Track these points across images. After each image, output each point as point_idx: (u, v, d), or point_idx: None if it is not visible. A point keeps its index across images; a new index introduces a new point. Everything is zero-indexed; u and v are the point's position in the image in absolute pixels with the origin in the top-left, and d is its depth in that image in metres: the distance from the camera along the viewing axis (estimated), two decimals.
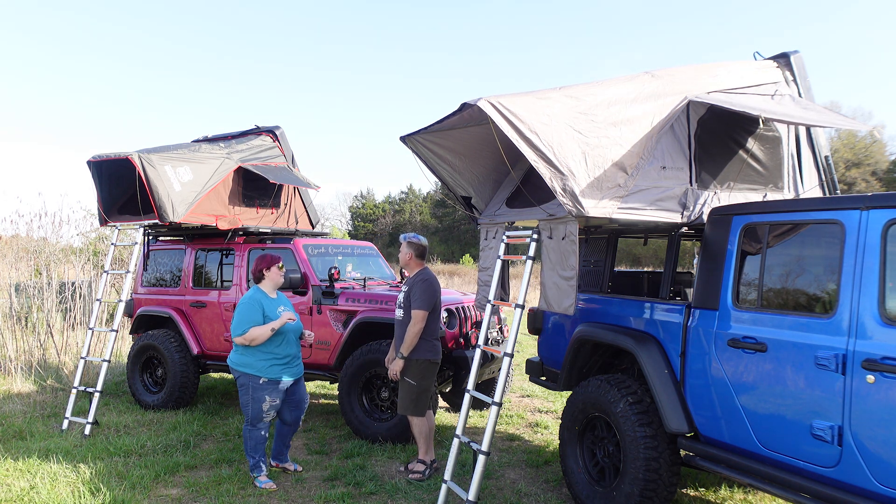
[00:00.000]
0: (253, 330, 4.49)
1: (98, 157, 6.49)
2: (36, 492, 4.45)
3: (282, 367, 4.61)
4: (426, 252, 5.06)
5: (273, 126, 7.86)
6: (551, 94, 3.87)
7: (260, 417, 4.60)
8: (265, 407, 4.59)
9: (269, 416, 4.64)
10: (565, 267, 3.89)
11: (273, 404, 4.61)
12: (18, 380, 8.01)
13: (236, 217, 6.90)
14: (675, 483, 3.77)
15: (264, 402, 4.58)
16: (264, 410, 4.59)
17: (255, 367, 4.55)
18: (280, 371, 4.60)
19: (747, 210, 3.61)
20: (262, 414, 4.60)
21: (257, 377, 4.56)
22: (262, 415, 4.60)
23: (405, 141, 4.72)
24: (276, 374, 4.59)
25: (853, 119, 5.92)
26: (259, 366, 4.55)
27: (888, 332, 2.80)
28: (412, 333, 4.74)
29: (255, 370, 4.55)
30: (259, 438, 4.66)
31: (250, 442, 4.67)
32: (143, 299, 7.41)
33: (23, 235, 11.63)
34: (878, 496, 2.77)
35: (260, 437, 4.66)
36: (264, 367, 4.55)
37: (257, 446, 4.67)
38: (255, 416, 4.60)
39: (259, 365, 4.55)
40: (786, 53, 4.74)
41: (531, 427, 6.38)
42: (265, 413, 4.60)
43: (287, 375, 4.66)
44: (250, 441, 4.67)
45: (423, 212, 58.04)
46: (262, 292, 4.70)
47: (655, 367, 3.82)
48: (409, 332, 4.74)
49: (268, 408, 4.60)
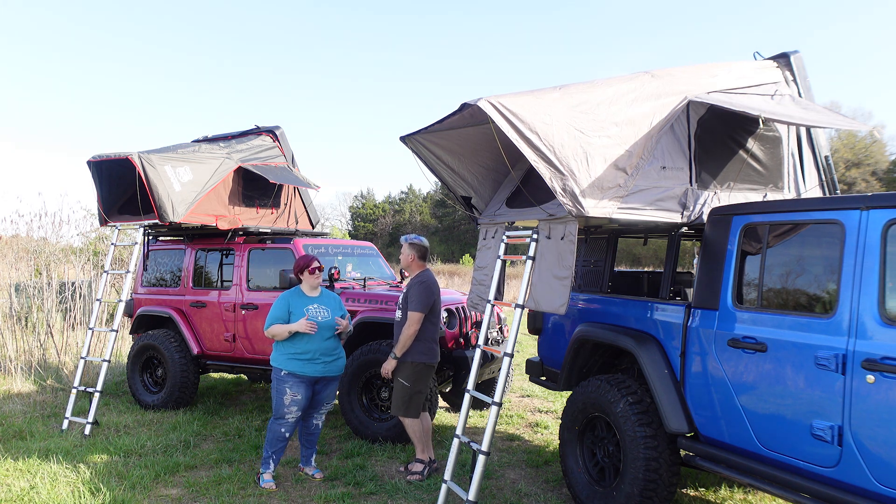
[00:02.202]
0: (274, 327, 4.67)
1: (98, 156, 6.49)
2: (36, 492, 4.45)
3: (304, 363, 4.66)
4: (428, 253, 5.06)
5: (273, 126, 7.85)
6: (551, 94, 3.87)
7: (282, 412, 4.65)
8: (286, 401, 4.64)
9: (290, 413, 4.66)
10: (561, 266, 3.87)
11: (294, 399, 4.65)
12: (18, 380, 8.00)
13: (236, 217, 6.90)
14: (675, 483, 3.77)
15: (285, 395, 4.65)
16: (286, 404, 4.65)
17: (278, 360, 4.71)
18: (301, 366, 4.65)
19: (747, 210, 3.61)
20: (283, 408, 4.64)
21: (279, 369, 4.69)
22: (283, 409, 4.64)
23: (405, 141, 4.72)
24: (296, 367, 4.64)
25: (853, 119, 5.92)
26: (280, 358, 4.70)
27: (888, 332, 2.79)
28: (406, 335, 4.76)
29: (278, 363, 4.70)
30: (278, 434, 4.69)
31: (269, 434, 4.74)
32: (143, 299, 7.40)
33: (23, 235, 11.65)
34: (878, 496, 2.77)
35: (279, 434, 4.69)
36: (284, 359, 4.68)
37: (274, 441, 4.71)
38: (277, 409, 4.69)
39: (280, 358, 4.70)
40: (786, 53, 4.73)
41: (531, 427, 6.38)
42: (287, 408, 4.64)
43: (312, 372, 4.70)
44: (269, 434, 4.74)
45: (423, 212, 58.04)
46: (298, 290, 4.84)
47: (655, 367, 3.82)
48: (404, 334, 4.76)
49: (289, 402, 4.65)
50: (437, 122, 4.38)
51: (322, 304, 4.80)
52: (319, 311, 4.75)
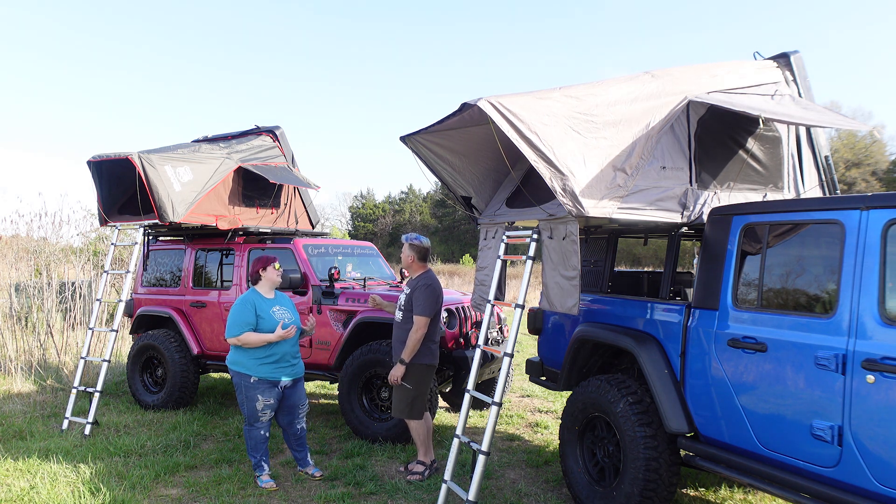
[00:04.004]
0: (248, 335, 4.52)
1: (98, 156, 6.49)
2: (36, 492, 4.45)
3: (273, 367, 4.59)
4: (428, 254, 5.02)
5: (273, 126, 7.85)
6: (551, 95, 3.87)
7: (256, 417, 4.60)
8: (259, 406, 4.59)
9: (265, 416, 4.63)
10: (567, 267, 3.88)
11: (267, 404, 4.61)
12: (18, 380, 8.00)
13: (236, 217, 6.90)
14: (675, 483, 3.77)
15: (257, 402, 4.58)
16: (259, 410, 4.59)
17: (246, 366, 4.57)
18: (272, 370, 4.59)
19: (747, 210, 3.61)
20: (257, 413, 4.60)
21: (248, 376, 4.57)
22: (257, 414, 4.60)
23: (405, 141, 4.72)
24: (267, 373, 4.57)
25: (853, 119, 5.91)
26: (249, 364, 4.56)
27: (888, 332, 2.80)
28: (414, 340, 4.70)
29: (246, 369, 4.57)
30: (258, 438, 4.66)
31: (250, 442, 4.68)
32: (143, 299, 7.40)
33: (23, 235, 11.65)
34: (878, 496, 2.77)
35: (259, 437, 4.66)
36: (254, 365, 4.56)
37: (257, 446, 4.67)
38: (250, 416, 4.62)
39: (249, 363, 4.56)
40: (786, 53, 4.74)
41: (531, 427, 6.38)
42: (260, 413, 4.60)
43: (282, 375, 4.64)
44: (250, 441, 4.68)
45: (423, 212, 58.03)
46: (257, 293, 4.71)
47: (655, 367, 3.82)
48: (411, 339, 4.70)
49: (262, 407, 4.60)
50: (438, 123, 4.38)
51: (282, 306, 4.76)
52: (284, 313, 4.71)
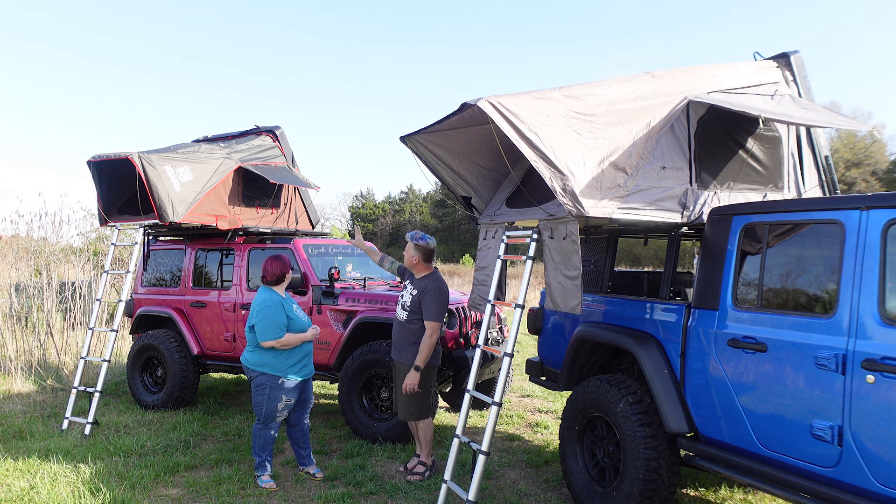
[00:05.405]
0: (289, 336, 4.54)
1: (98, 157, 6.49)
2: (36, 492, 4.45)
3: (300, 366, 4.66)
4: (433, 255, 4.93)
5: (273, 126, 7.85)
6: (551, 95, 3.87)
7: (273, 417, 4.62)
8: (280, 406, 4.61)
9: (282, 416, 4.66)
10: (569, 267, 3.88)
11: (288, 404, 4.64)
12: (18, 380, 8.00)
13: (236, 217, 6.90)
14: (675, 483, 3.77)
15: (280, 402, 4.59)
16: (278, 410, 4.61)
17: (276, 368, 4.56)
18: (300, 370, 4.66)
19: (747, 210, 3.61)
20: (275, 413, 4.61)
21: (277, 377, 4.56)
22: (275, 414, 4.61)
23: (405, 141, 4.71)
24: (297, 372, 4.64)
25: (853, 119, 5.92)
26: (280, 366, 4.56)
27: (888, 332, 2.79)
28: (429, 345, 4.67)
29: (276, 370, 4.56)
30: (269, 438, 4.68)
31: (259, 440, 4.67)
32: (143, 299, 7.40)
33: (23, 235, 11.64)
34: (878, 496, 2.77)
35: (270, 437, 4.68)
36: (286, 366, 4.57)
37: (266, 445, 4.69)
38: (268, 416, 4.61)
39: (280, 365, 4.56)
40: (786, 53, 4.73)
41: (531, 427, 6.38)
42: (278, 413, 4.63)
43: (306, 374, 4.72)
44: (259, 440, 4.67)
45: (423, 212, 58.04)
46: (277, 293, 4.70)
47: (655, 367, 3.82)
48: (426, 344, 4.66)
49: (282, 407, 4.63)
50: (437, 122, 4.38)
51: (296, 305, 4.83)
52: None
